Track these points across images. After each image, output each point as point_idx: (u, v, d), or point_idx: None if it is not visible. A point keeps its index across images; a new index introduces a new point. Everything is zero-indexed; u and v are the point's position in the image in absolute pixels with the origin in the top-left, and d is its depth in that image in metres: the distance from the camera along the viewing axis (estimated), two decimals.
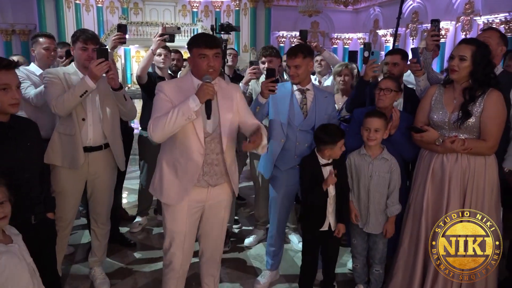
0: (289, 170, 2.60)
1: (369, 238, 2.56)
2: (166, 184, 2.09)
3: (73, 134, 2.47)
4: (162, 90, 2.05)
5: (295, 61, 2.47)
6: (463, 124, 2.19)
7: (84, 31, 2.55)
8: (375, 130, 2.36)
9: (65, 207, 2.53)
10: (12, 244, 1.64)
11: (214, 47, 1.99)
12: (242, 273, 2.98)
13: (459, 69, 2.18)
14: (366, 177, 2.44)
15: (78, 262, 3.05)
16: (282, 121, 2.54)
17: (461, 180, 2.25)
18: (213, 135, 2.08)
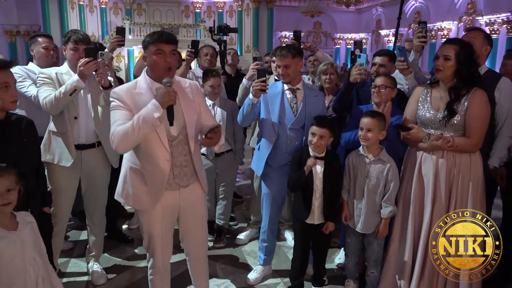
0: (280, 167, 2.66)
1: (364, 238, 2.57)
2: (135, 191, 2.03)
3: (64, 133, 2.53)
4: (118, 97, 1.94)
5: (285, 61, 2.52)
6: (448, 122, 2.25)
7: (75, 32, 2.60)
8: (367, 130, 2.38)
9: (60, 204, 2.62)
10: (14, 232, 1.70)
11: (171, 42, 1.92)
12: (236, 268, 3.04)
13: (443, 68, 2.23)
14: (362, 177, 2.46)
15: (77, 257, 3.12)
16: (273, 120, 2.59)
17: (447, 177, 2.29)
18: (179, 138, 2.02)
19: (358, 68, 2.68)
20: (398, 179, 2.44)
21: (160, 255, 2.16)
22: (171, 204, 2.09)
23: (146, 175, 2.00)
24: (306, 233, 2.55)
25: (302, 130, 2.61)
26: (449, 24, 13.57)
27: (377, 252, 2.54)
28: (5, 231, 1.67)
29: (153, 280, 2.22)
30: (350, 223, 2.55)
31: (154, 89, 1.93)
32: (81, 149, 2.59)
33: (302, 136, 2.61)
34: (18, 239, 1.70)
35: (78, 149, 2.57)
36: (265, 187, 2.77)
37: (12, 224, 1.72)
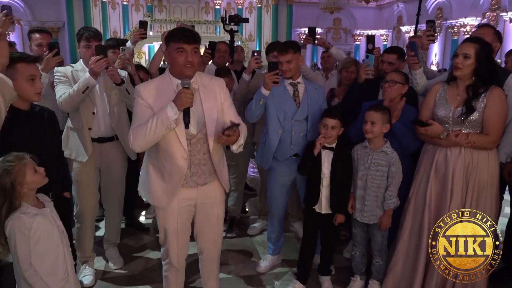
0: (286, 160, 2.74)
1: (368, 229, 2.65)
2: (153, 187, 2.08)
3: (80, 129, 2.63)
4: (140, 95, 1.98)
5: (287, 57, 2.61)
6: (466, 119, 2.27)
7: (86, 29, 2.67)
8: (371, 122, 2.46)
9: (85, 197, 2.73)
10: (44, 209, 1.89)
11: (193, 42, 1.91)
12: (246, 257, 3.16)
13: (463, 66, 2.26)
14: (365, 168, 2.53)
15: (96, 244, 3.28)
16: (278, 113, 2.68)
17: (464, 173, 2.31)
18: (198, 136, 2.03)
19: (365, 68, 2.74)
20: (400, 172, 2.49)
21: (175, 252, 2.18)
22: (188, 201, 2.11)
23: (165, 172, 2.03)
24: (314, 221, 2.64)
25: (305, 121, 2.69)
26: (472, 20, 13.25)
27: (381, 242, 2.61)
28: (37, 209, 1.85)
29: (168, 276, 2.26)
30: (354, 213, 2.62)
31: (175, 85, 1.97)
32: (101, 142, 2.71)
33: (306, 127, 2.70)
34: (49, 214, 1.90)
35: (98, 142, 2.69)
36: (271, 180, 2.86)
37: (39, 203, 1.90)
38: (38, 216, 1.82)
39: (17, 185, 1.75)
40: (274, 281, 2.83)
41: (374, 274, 2.67)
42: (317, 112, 2.68)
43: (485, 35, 2.52)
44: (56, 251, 1.88)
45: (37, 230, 1.80)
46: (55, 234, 1.89)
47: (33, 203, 1.85)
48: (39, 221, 1.81)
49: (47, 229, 1.85)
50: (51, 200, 2.00)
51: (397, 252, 2.56)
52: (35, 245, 1.78)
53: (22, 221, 1.75)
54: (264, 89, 2.59)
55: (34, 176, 1.82)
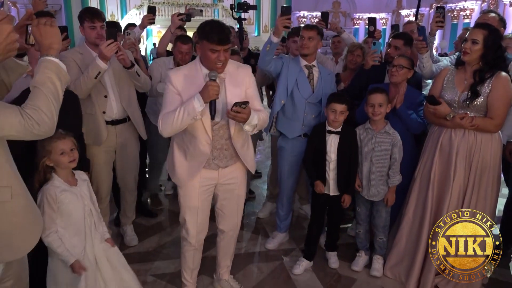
0: (295, 139, 2.87)
1: (372, 207, 2.79)
2: (177, 166, 2.19)
3: (94, 113, 2.67)
4: (171, 81, 2.05)
5: (310, 33, 2.73)
6: (471, 103, 2.37)
7: (87, 9, 2.67)
8: (379, 105, 2.56)
9: (100, 178, 2.82)
10: (75, 187, 2.00)
11: (226, 43, 1.96)
12: (256, 235, 3.31)
13: (471, 51, 2.33)
14: (369, 148, 2.66)
15: (110, 223, 3.40)
16: (289, 85, 2.78)
17: (467, 154, 2.42)
18: (221, 122, 2.11)
19: (372, 54, 2.83)
20: (401, 150, 2.62)
21: (195, 231, 2.26)
22: (209, 181, 2.21)
23: (188, 153, 2.15)
24: (322, 202, 2.77)
25: (319, 104, 2.82)
26: (472, 4, 13.30)
27: (385, 219, 2.75)
28: (68, 186, 1.97)
29: (185, 253, 2.34)
30: (361, 192, 2.74)
31: (205, 74, 2.02)
32: (115, 124, 2.78)
33: (319, 110, 2.82)
34: (78, 193, 2.00)
35: (112, 125, 2.77)
36: (281, 159, 2.99)
37: (73, 180, 2.01)
38: (66, 192, 1.93)
39: (46, 159, 1.88)
40: (283, 256, 2.97)
41: (378, 250, 2.81)
42: None
43: (490, 21, 2.60)
44: (77, 229, 1.97)
45: (62, 204, 1.91)
46: (79, 213, 1.98)
47: (65, 179, 1.97)
48: (66, 197, 1.92)
49: (73, 206, 1.95)
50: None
51: (401, 228, 2.70)
52: (59, 217, 1.90)
53: (50, 192, 1.88)
54: (274, 36, 2.61)
55: (61, 157, 1.92)
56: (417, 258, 2.58)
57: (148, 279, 2.69)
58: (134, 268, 2.77)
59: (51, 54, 1.49)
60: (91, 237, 2.05)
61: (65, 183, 1.96)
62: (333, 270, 2.83)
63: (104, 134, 2.71)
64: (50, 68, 1.46)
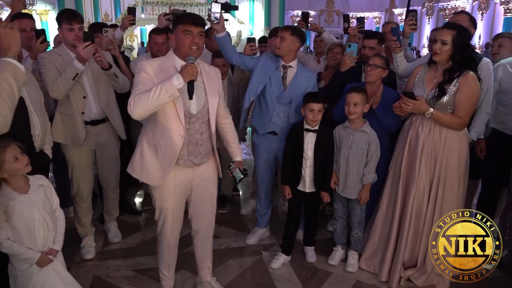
0: (266, 136, 2.95)
1: (348, 204, 2.86)
2: (147, 165, 2.12)
3: (72, 114, 2.68)
4: (144, 69, 2.02)
5: (282, 33, 2.78)
6: (437, 101, 2.44)
7: (66, 11, 2.68)
8: (354, 104, 2.63)
9: (82, 180, 2.86)
10: (25, 194, 1.91)
11: (200, 25, 2.00)
12: (237, 230, 3.37)
13: (440, 52, 2.40)
14: (346, 147, 2.72)
15: (95, 220, 3.46)
16: (259, 83, 2.85)
17: (431, 150, 2.51)
18: (197, 115, 2.10)
19: (349, 57, 2.87)
20: (378, 149, 2.68)
21: (170, 229, 2.27)
22: (184, 181, 2.19)
23: (159, 148, 2.08)
24: (298, 199, 2.84)
25: (289, 105, 2.86)
26: (463, 3, 13.40)
27: (360, 215, 2.82)
28: (17, 194, 1.89)
29: (161, 249, 2.35)
30: (337, 189, 2.81)
31: (179, 66, 2.02)
32: (94, 124, 2.80)
33: (288, 111, 2.87)
34: (28, 201, 1.91)
35: (92, 125, 2.79)
36: (256, 155, 3.09)
37: (24, 187, 1.93)
38: (14, 201, 1.86)
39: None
40: (262, 251, 3.04)
41: (353, 244, 2.89)
42: (302, 99, 2.81)
43: (461, 22, 2.68)
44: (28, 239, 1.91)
45: (12, 214, 1.85)
46: (30, 222, 1.90)
47: (16, 187, 1.89)
48: (14, 206, 1.86)
49: (21, 217, 1.88)
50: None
51: (375, 221, 2.79)
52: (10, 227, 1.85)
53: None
54: None
55: (14, 164, 1.83)
56: (389, 250, 2.67)
57: (129, 274, 2.76)
58: (116, 264, 2.88)
59: (9, 55, 1.54)
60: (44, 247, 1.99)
61: (15, 192, 1.88)
62: (310, 264, 2.90)
63: (82, 134, 2.73)
64: (8, 69, 1.52)
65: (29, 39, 2.88)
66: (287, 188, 2.80)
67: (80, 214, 2.95)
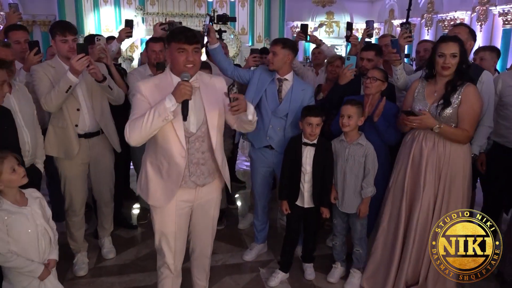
0: (262, 150, 2.89)
1: (348, 219, 2.78)
2: (152, 186, 2.02)
3: (65, 127, 2.63)
4: (139, 91, 1.93)
5: (273, 48, 2.75)
6: (441, 114, 2.39)
7: (59, 23, 2.62)
8: (348, 116, 2.58)
9: (75, 194, 2.79)
10: (25, 207, 1.90)
11: (194, 42, 1.89)
12: (234, 246, 3.30)
13: (451, 65, 2.36)
14: (343, 160, 2.66)
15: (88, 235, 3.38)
16: (255, 97, 2.81)
17: (436, 164, 2.45)
18: (197, 133, 1.99)
19: (348, 70, 2.81)
20: (376, 162, 2.62)
21: (172, 257, 2.12)
22: (186, 203, 2.07)
23: (163, 170, 1.99)
24: (296, 214, 2.77)
25: (285, 118, 2.81)
26: (462, 14, 13.35)
27: (360, 231, 2.74)
28: (17, 207, 1.87)
29: (163, 282, 2.19)
30: (337, 204, 2.74)
31: (175, 83, 1.90)
32: (88, 137, 2.73)
33: (284, 124, 2.82)
34: (29, 213, 1.91)
35: (85, 138, 2.72)
36: (252, 170, 3.02)
37: (22, 200, 1.92)
38: (15, 215, 1.84)
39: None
40: (260, 268, 2.97)
41: (355, 262, 2.80)
42: (298, 112, 2.79)
43: (461, 34, 2.65)
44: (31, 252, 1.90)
45: (13, 229, 1.82)
46: (32, 235, 1.90)
47: (13, 200, 1.87)
48: (15, 219, 1.83)
49: (24, 229, 1.87)
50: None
51: (377, 238, 2.70)
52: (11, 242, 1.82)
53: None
54: None
55: (11, 176, 1.83)
56: (392, 268, 2.59)
57: None
58: (110, 281, 2.81)
59: None
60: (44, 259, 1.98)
61: (14, 205, 1.87)
62: (309, 281, 2.83)
63: (75, 148, 2.68)
64: None
65: (23, 51, 2.86)
66: (285, 203, 2.74)
67: (72, 228, 2.88)
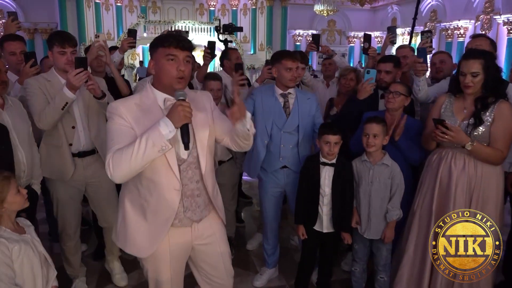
0: (275, 172, 2.69)
1: (371, 244, 2.57)
2: (132, 231, 1.68)
3: (60, 146, 2.40)
4: (118, 113, 1.57)
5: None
6: (473, 132, 2.22)
7: (58, 33, 2.42)
8: (373, 135, 2.38)
9: (68, 215, 2.57)
10: (25, 235, 1.79)
11: (187, 48, 1.58)
12: (243, 270, 3.08)
13: (473, 84, 2.20)
14: (367, 183, 2.45)
15: (88, 256, 3.19)
16: (266, 123, 2.62)
17: (467, 187, 2.27)
18: (189, 160, 1.66)
19: (367, 84, 2.61)
20: (402, 183, 2.43)
21: None
22: (181, 245, 1.75)
23: (148, 210, 1.64)
24: (314, 240, 2.56)
25: (296, 133, 2.64)
26: (466, 23, 13.33)
27: (386, 257, 2.53)
28: (18, 235, 1.75)
29: None
30: (359, 229, 2.53)
31: (162, 101, 1.63)
32: (81, 156, 2.49)
33: (297, 139, 2.64)
34: (30, 241, 1.79)
35: (79, 157, 2.48)
36: (262, 191, 2.81)
37: (19, 227, 1.80)
38: (19, 244, 1.70)
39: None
40: None
41: None
42: (308, 123, 2.64)
43: (482, 46, 2.48)
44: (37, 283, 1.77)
45: (17, 258, 1.68)
46: (36, 263, 1.77)
47: (13, 228, 1.74)
48: (21, 248, 1.70)
49: (29, 258, 1.73)
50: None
51: (402, 266, 2.49)
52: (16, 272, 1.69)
53: (2, 247, 1.64)
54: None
55: (16, 197, 1.74)
56: None
57: None
58: None
59: None
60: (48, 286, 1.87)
61: (15, 233, 1.73)
62: None
63: (70, 169, 2.44)
64: None
65: (19, 62, 2.68)
66: (302, 228, 2.53)
67: (67, 253, 2.67)
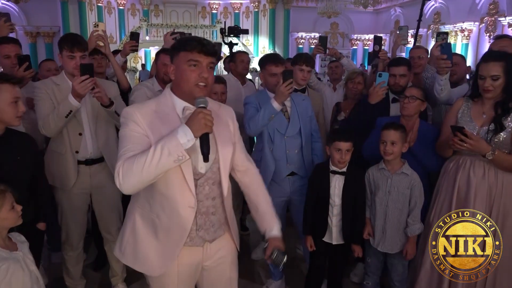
0: (281, 181, 2.60)
1: (386, 258, 2.46)
2: (142, 248, 1.57)
3: (64, 153, 2.34)
4: (133, 118, 1.46)
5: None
6: (493, 138, 2.11)
7: (68, 36, 2.35)
8: (391, 143, 2.27)
9: (72, 224, 2.49)
10: (16, 252, 1.70)
11: (212, 53, 1.48)
12: (248, 281, 2.98)
13: (494, 88, 2.10)
14: (384, 192, 2.33)
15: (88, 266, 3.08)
16: (269, 129, 2.54)
17: (487, 196, 2.17)
18: (207, 175, 1.56)
19: (379, 88, 2.51)
20: (422, 193, 2.31)
21: None
22: (191, 264, 1.64)
23: (160, 227, 1.54)
24: (323, 252, 2.46)
25: (298, 137, 2.56)
26: (470, 25, 13.22)
27: (402, 273, 2.42)
28: (8, 252, 1.67)
29: None
30: (371, 241, 2.42)
31: (181, 110, 1.53)
32: (89, 164, 2.42)
33: (300, 143, 2.56)
34: (22, 259, 1.71)
35: (86, 165, 2.42)
36: None
37: (11, 244, 1.72)
38: (7, 261, 1.62)
39: None
40: None
41: None
42: (308, 125, 2.59)
43: (508, 48, 2.36)
44: None
45: (4, 278, 1.60)
46: (26, 282, 1.68)
47: (3, 244, 1.67)
48: (9, 267, 1.62)
49: (18, 277, 1.65)
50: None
51: (418, 282, 2.36)
52: None
53: None
54: (276, 103, 2.34)
55: (9, 213, 1.67)
56: None
57: None
58: None
59: None
60: None
61: (4, 250, 1.65)
62: None
63: (72, 178, 2.37)
64: None
65: (13, 66, 2.59)
66: (310, 239, 2.42)
67: (68, 264, 2.59)
